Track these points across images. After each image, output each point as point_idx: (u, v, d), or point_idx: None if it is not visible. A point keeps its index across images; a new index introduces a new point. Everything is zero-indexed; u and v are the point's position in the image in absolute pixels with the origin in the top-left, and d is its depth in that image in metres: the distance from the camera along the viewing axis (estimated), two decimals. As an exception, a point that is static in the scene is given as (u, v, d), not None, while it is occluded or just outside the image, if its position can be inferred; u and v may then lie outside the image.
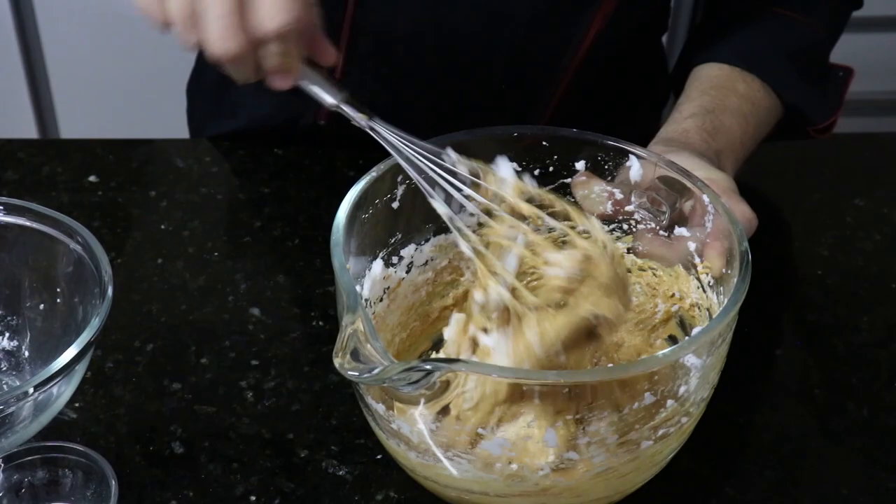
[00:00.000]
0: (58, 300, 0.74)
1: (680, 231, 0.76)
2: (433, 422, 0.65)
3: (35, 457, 0.74)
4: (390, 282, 0.78)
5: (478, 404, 0.65)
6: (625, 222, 0.80)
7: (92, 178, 1.03)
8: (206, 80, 1.19)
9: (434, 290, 0.81)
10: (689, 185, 0.74)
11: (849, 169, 1.09)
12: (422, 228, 0.78)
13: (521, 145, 0.79)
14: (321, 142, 1.08)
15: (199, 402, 0.82)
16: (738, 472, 0.79)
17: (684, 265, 0.76)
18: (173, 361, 0.85)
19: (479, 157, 0.78)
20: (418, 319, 0.81)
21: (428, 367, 0.60)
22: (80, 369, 0.68)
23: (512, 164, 0.72)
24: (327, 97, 0.72)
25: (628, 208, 0.79)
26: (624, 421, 0.65)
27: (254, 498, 0.75)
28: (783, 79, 1.00)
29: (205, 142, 1.13)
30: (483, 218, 0.69)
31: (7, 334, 0.76)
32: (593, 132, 0.78)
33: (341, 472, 0.77)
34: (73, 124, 1.95)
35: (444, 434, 0.65)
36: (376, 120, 0.71)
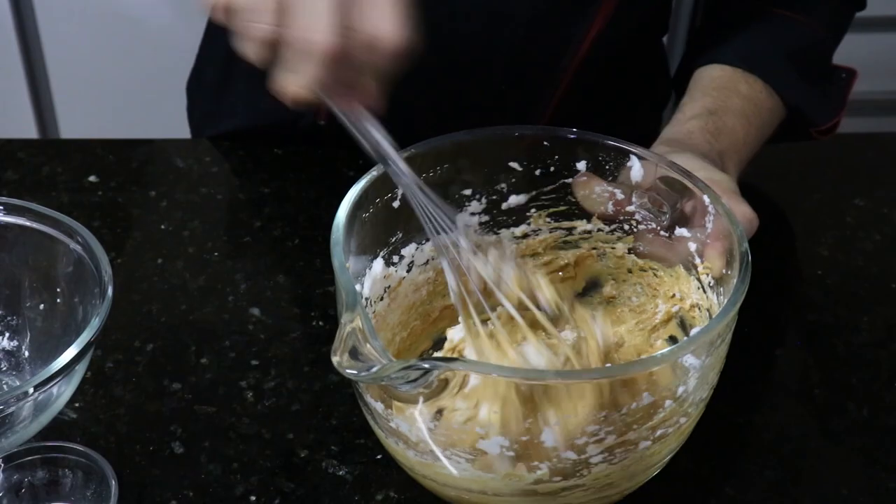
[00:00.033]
0: (58, 300, 0.74)
1: (681, 232, 0.76)
2: (431, 420, 0.65)
3: (35, 457, 0.74)
4: (391, 281, 0.78)
5: (475, 403, 0.65)
6: (626, 223, 0.79)
7: (92, 178, 1.03)
8: (205, 78, 1.19)
9: (435, 290, 0.81)
10: (690, 185, 0.74)
11: (849, 169, 1.09)
12: (423, 228, 0.78)
13: (522, 145, 0.79)
14: (321, 142, 1.08)
15: (199, 402, 0.82)
16: (738, 472, 0.79)
17: (685, 266, 0.76)
18: (173, 361, 0.85)
19: (480, 157, 0.79)
20: (419, 318, 0.81)
21: (426, 365, 0.60)
22: (80, 369, 0.68)
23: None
24: (383, 142, 0.66)
25: (629, 209, 0.79)
26: (622, 421, 0.65)
27: (254, 498, 0.75)
28: (785, 80, 1.00)
29: (205, 142, 1.13)
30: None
31: (7, 334, 0.76)
32: (594, 132, 0.78)
33: (341, 472, 0.77)
34: (73, 124, 1.95)
35: (443, 433, 0.65)
36: (420, 181, 0.68)
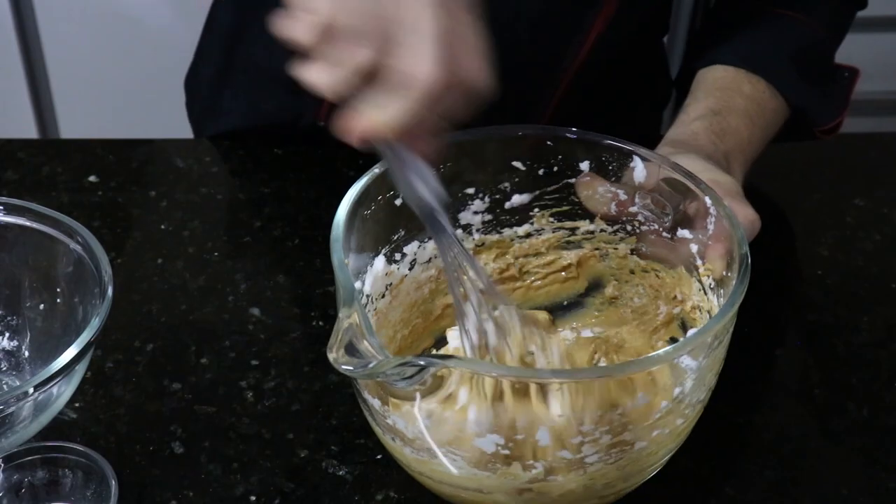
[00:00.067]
0: (58, 300, 0.74)
1: (683, 233, 0.76)
2: (427, 418, 0.65)
3: (35, 457, 0.74)
4: (393, 278, 0.77)
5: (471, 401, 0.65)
6: (628, 223, 0.79)
7: (92, 178, 1.03)
8: (204, 74, 1.19)
9: (437, 288, 0.81)
10: (692, 186, 0.74)
11: (849, 169, 1.09)
12: (424, 227, 0.78)
13: (525, 145, 0.79)
14: (321, 142, 1.08)
15: (199, 402, 0.82)
16: (738, 472, 0.79)
17: (687, 267, 0.76)
18: (173, 361, 0.85)
19: (483, 156, 0.79)
20: (420, 316, 0.81)
21: (421, 362, 0.60)
22: (80, 369, 0.68)
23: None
24: (438, 190, 0.66)
25: (632, 209, 0.78)
26: (618, 421, 0.65)
27: (254, 498, 0.75)
28: (788, 80, 1.00)
29: (205, 142, 1.13)
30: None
31: (7, 334, 0.76)
32: (597, 133, 0.78)
33: (341, 472, 0.77)
34: (73, 124, 1.95)
35: (438, 430, 0.65)
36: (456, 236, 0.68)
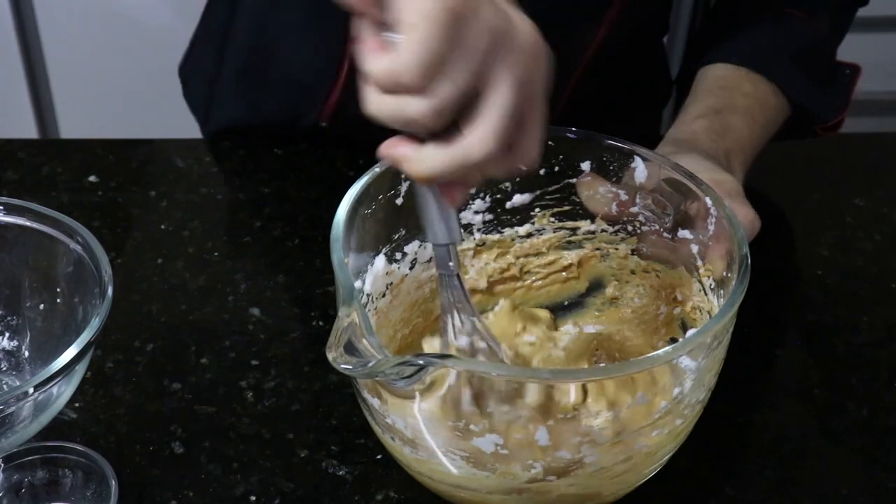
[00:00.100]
0: (58, 300, 0.74)
1: (683, 233, 0.76)
2: (426, 417, 0.65)
3: (35, 457, 0.74)
4: (393, 277, 0.78)
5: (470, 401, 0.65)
6: (629, 224, 0.79)
7: (92, 178, 1.03)
8: (201, 68, 1.18)
9: (437, 288, 0.81)
10: (693, 187, 0.74)
11: (849, 169, 1.09)
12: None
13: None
14: (321, 142, 1.08)
15: (199, 402, 0.82)
16: (738, 472, 0.79)
17: (687, 268, 0.76)
18: (173, 361, 0.85)
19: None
20: (421, 316, 0.81)
21: (420, 362, 0.60)
22: (80, 369, 0.68)
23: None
24: (455, 231, 0.66)
25: (633, 210, 0.78)
26: (617, 421, 0.65)
27: (254, 498, 0.75)
28: (789, 78, 1.00)
29: (205, 142, 1.13)
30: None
31: (7, 334, 0.76)
32: (599, 133, 0.78)
33: (341, 472, 0.77)
34: (73, 124, 1.95)
35: (437, 430, 0.65)
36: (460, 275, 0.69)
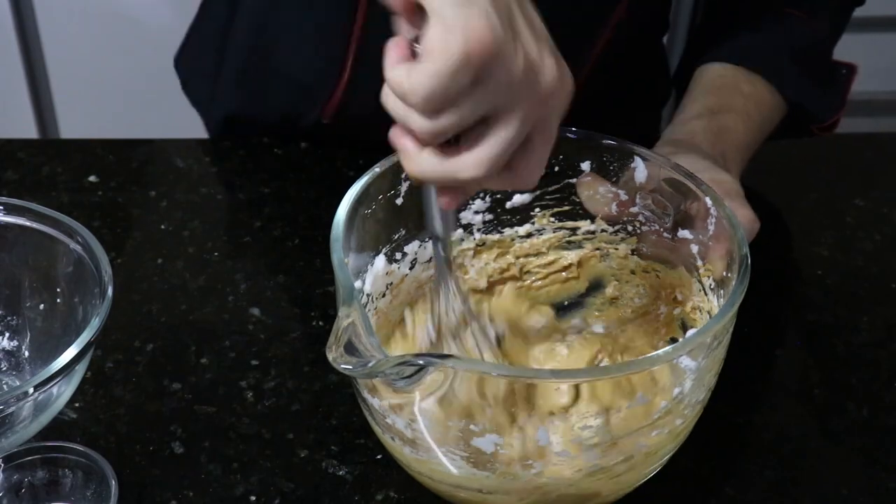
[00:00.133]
0: (58, 300, 0.74)
1: (683, 233, 0.76)
2: (426, 417, 0.65)
3: (35, 457, 0.74)
4: (393, 277, 0.78)
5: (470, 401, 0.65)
6: (629, 224, 0.79)
7: (92, 178, 1.03)
8: (203, 66, 1.18)
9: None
10: (693, 187, 0.74)
11: (848, 169, 1.09)
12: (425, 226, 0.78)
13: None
14: (321, 142, 1.08)
15: (199, 402, 0.82)
16: (738, 472, 0.79)
17: (687, 268, 0.76)
18: (173, 361, 0.85)
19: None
20: (421, 315, 0.81)
21: (420, 362, 0.60)
22: (80, 369, 0.68)
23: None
24: (451, 228, 0.69)
25: (633, 210, 0.79)
26: (617, 421, 0.65)
27: (254, 498, 0.75)
28: (787, 77, 1.00)
29: (205, 142, 1.13)
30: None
31: (7, 334, 0.76)
32: (599, 133, 0.78)
33: (341, 472, 0.77)
34: (73, 124, 1.95)
35: (437, 430, 0.65)
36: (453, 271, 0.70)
